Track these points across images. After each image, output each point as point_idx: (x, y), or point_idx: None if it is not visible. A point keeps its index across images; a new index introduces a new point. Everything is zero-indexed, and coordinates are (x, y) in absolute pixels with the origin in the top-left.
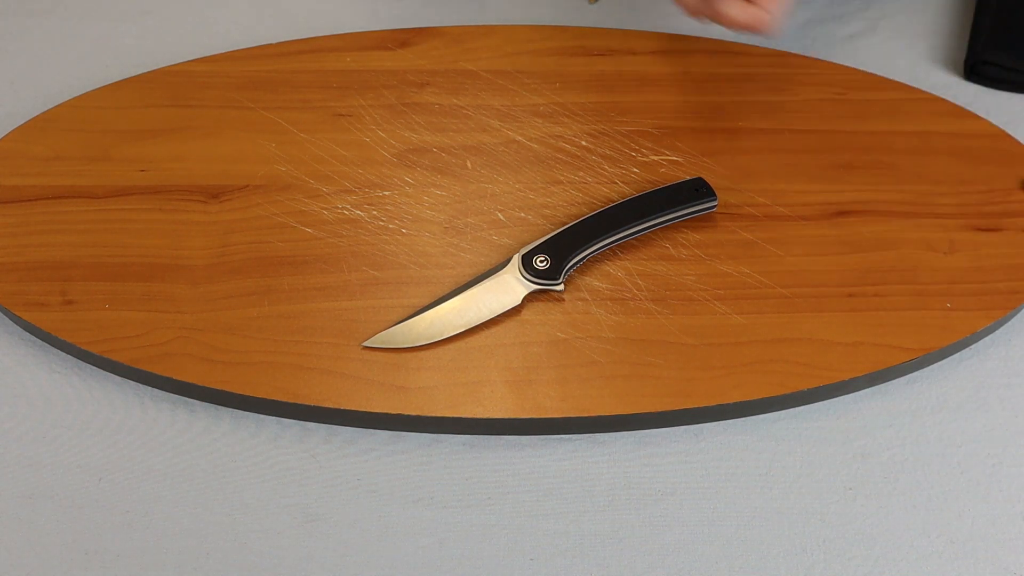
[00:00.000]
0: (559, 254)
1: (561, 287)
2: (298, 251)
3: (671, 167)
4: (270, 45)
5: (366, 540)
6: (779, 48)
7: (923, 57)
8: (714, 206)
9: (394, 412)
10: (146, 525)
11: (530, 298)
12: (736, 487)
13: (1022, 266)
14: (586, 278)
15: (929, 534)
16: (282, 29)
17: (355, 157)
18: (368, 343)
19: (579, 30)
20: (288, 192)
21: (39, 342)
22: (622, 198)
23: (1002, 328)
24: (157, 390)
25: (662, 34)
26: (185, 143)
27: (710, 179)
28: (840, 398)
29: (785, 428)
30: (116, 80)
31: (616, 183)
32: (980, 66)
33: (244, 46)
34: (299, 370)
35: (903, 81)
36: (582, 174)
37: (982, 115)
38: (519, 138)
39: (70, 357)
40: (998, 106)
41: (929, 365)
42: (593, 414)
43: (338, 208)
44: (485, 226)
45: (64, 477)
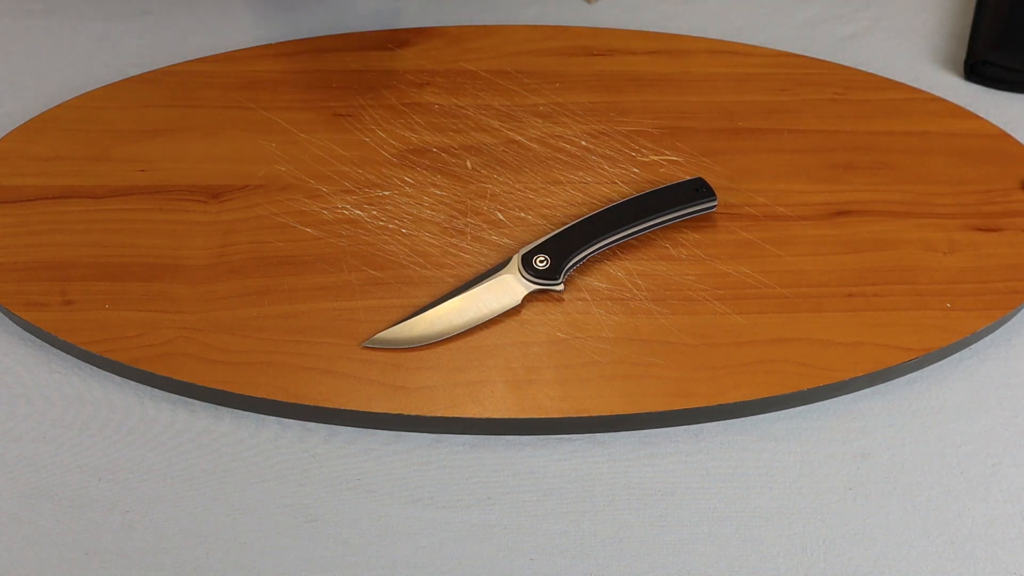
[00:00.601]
0: (559, 254)
1: (561, 287)
2: (298, 251)
3: (671, 167)
4: (270, 45)
5: (366, 540)
6: (779, 48)
7: (923, 57)
8: (714, 206)
9: (394, 412)
10: (146, 525)
11: (530, 298)
12: (736, 487)
13: (1022, 266)
14: (586, 278)
15: (929, 534)
16: (282, 29)
17: (355, 157)
18: (368, 343)
19: (579, 30)
20: (288, 192)
21: (39, 342)
22: (622, 198)
23: (1002, 328)
24: (157, 390)
25: (662, 34)
26: (185, 143)
27: (710, 179)
28: (840, 398)
29: (785, 428)
30: (116, 80)
31: (616, 183)
32: (980, 66)
33: (244, 46)
34: (299, 370)
35: (903, 81)
36: (582, 174)
37: (982, 115)
38: (519, 138)
39: (70, 357)
40: (998, 106)
41: (929, 365)
42: (593, 414)
43: (338, 208)
44: (485, 226)
45: (64, 477)
